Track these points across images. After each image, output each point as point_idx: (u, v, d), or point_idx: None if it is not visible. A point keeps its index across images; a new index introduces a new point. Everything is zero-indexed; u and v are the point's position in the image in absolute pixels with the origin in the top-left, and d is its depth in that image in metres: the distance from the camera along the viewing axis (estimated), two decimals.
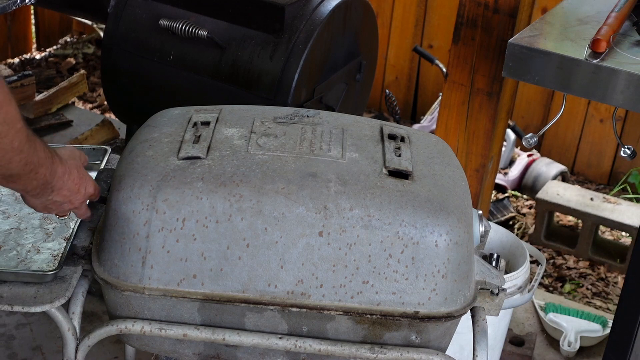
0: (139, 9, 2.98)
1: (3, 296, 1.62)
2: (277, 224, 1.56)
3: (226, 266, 1.58)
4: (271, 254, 1.57)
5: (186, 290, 1.60)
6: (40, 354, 2.69)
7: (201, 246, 1.57)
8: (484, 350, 1.71)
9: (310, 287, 1.58)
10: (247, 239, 1.56)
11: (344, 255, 1.57)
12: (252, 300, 1.60)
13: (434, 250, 1.58)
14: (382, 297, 1.59)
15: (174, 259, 1.58)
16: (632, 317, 2.23)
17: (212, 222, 1.56)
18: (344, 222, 1.56)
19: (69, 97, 3.65)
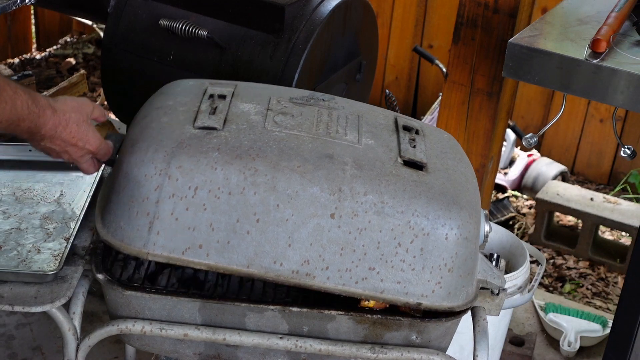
0: (139, 9, 2.98)
1: (4, 296, 1.62)
2: (289, 202, 1.54)
3: (234, 239, 1.56)
4: (280, 231, 1.55)
5: (190, 260, 1.57)
6: (41, 354, 2.69)
7: (210, 217, 1.55)
8: (485, 350, 1.71)
9: (315, 268, 1.57)
10: (258, 214, 1.55)
11: (353, 240, 1.56)
12: (256, 275, 1.57)
13: (443, 243, 1.58)
14: (386, 285, 1.58)
15: (182, 227, 1.56)
16: (632, 317, 2.23)
17: (224, 194, 1.54)
18: (357, 207, 1.55)
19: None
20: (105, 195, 1.68)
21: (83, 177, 2.02)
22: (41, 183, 1.99)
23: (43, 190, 1.97)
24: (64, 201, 1.93)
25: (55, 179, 2.01)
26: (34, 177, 2.01)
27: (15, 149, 2.07)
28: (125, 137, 1.69)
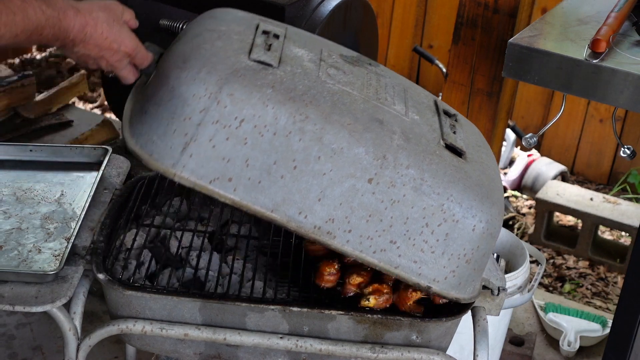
0: (139, 9, 2.97)
1: (4, 296, 1.62)
2: (332, 157, 1.50)
3: (265, 180, 1.50)
4: (314, 184, 1.50)
5: (215, 191, 1.50)
6: (41, 354, 2.69)
7: (249, 152, 1.48)
8: (485, 350, 1.71)
9: (338, 228, 1.53)
10: (297, 161, 1.50)
11: (384, 209, 1.53)
12: (277, 222, 1.52)
13: (469, 233, 1.57)
14: (402, 262, 1.56)
15: (217, 155, 1.48)
16: (632, 316, 2.23)
17: (269, 133, 1.48)
18: (397, 178, 1.52)
19: (69, 97, 3.65)
20: (138, 105, 1.58)
21: (84, 177, 2.02)
22: (42, 183, 1.99)
23: (44, 190, 1.97)
24: (65, 201, 1.93)
25: (55, 179, 2.01)
26: (34, 177, 2.02)
27: (16, 149, 2.07)
28: (172, 51, 1.61)
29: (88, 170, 2.04)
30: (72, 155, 2.07)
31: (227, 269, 1.81)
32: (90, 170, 2.04)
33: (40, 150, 2.07)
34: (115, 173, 2.03)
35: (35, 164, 2.05)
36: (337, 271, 1.73)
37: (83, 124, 3.51)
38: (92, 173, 2.02)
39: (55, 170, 2.04)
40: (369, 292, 1.67)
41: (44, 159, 2.07)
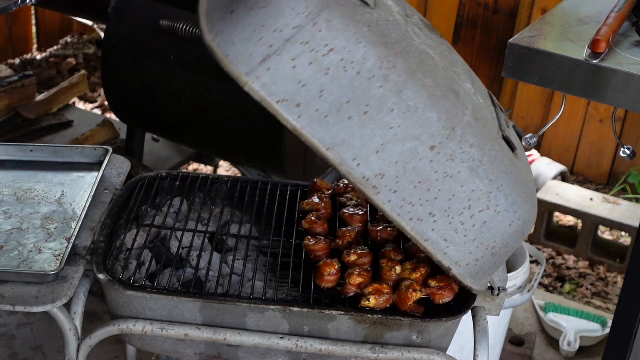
0: (139, 9, 2.98)
1: (5, 296, 1.63)
2: (404, 113, 1.47)
3: (332, 117, 1.45)
4: (378, 135, 1.47)
5: (279, 112, 1.44)
6: (41, 354, 2.69)
7: (327, 83, 1.43)
8: (485, 349, 1.71)
9: (385, 186, 1.50)
10: (370, 107, 1.45)
11: (435, 180, 1.51)
12: (329, 161, 1.47)
13: (505, 227, 1.57)
14: (433, 236, 1.55)
15: (294, 77, 1.43)
16: (632, 316, 2.23)
17: (353, 70, 1.44)
18: (458, 153, 1.51)
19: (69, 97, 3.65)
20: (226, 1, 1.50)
21: (84, 177, 2.03)
22: (42, 183, 2.00)
23: (44, 190, 1.97)
24: (65, 201, 1.94)
25: (56, 179, 2.01)
26: (35, 177, 2.02)
27: (16, 149, 2.07)
28: None
29: (88, 170, 2.05)
30: (72, 155, 2.07)
31: (227, 269, 1.82)
32: (90, 171, 2.04)
33: (41, 150, 2.07)
34: (115, 173, 2.03)
35: (36, 164, 2.05)
36: (337, 271, 1.73)
37: (83, 124, 3.51)
38: (93, 173, 2.03)
39: (55, 171, 2.04)
40: (369, 292, 1.67)
41: (45, 159, 2.07)
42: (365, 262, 1.77)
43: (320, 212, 1.92)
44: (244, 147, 2.97)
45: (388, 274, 1.73)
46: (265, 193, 2.03)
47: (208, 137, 3.05)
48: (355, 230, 1.85)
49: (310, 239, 1.83)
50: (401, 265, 1.74)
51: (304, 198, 2.00)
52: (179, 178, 2.04)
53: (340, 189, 2.01)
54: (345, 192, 2.00)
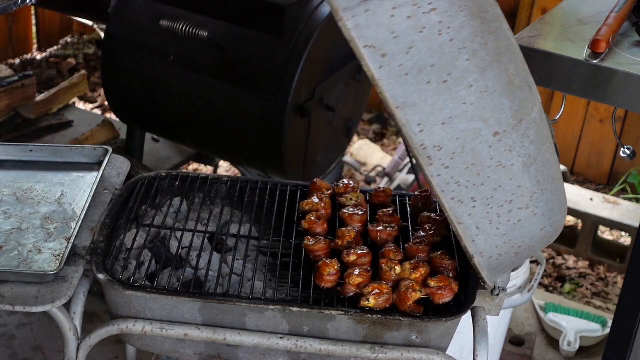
0: (139, 9, 2.98)
1: (4, 296, 1.63)
2: (481, 92, 1.45)
3: (412, 76, 1.42)
4: (449, 107, 1.45)
5: (363, 56, 1.40)
6: (41, 354, 2.69)
7: (417, 42, 1.41)
8: (484, 349, 1.71)
9: (439, 159, 1.48)
10: (450, 77, 1.44)
11: (487, 167, 1.50)
12: (395, 119, 1.45)
13: (536, 231, 1.58)
14: (467, 221, 1.54)
15: (389, 26, 1.40)
16: (632, 316, 2.23)
17: (446, 36, 1.42)
18: (517, 146, 1.50)
19: (69, 97, 3.65)
20: None
21: (84, 177, 2.03)
22: (42, 183, 2.00)
23: (44, 190, 1.97)
24: (65, 201, 1.94)
25: (55, 179, 2.01)
26: (34, 177, 2.02)
27: (16, 149, 2.07)
28: None
29: (88, 170, 2.05)
30: (72, 155, 2.07)
31: (227, 269, 1.82)
32: (90, 170, 2.04)
33: (41, 150, 2.07)
34: (115, 173, 2.03)
35: (36, 164, 2.06)
36: (336, 271, 1.73)
37: (83, 124, 3.51)
38: (92, 173, 2.03)
39: (55, 170, 2.04)
40: (369, 292, 1.67)
41: (44, 159, 2.07)
42: (365, 262, 1.77)
43: (319, 212, 1.92)
44: (244, 147, 2.97)
45: (387, 274, 1.73)
46: (265, 193, 2.03)
47: (208, 137, 3.05)
48: (355, 230, 1.85)
49: (309, 239, 1.83)
50: (401, 266, 1.74)
51: (303, 198, 2.00)
52: (178, 178, 2.04)
53: (339, 189, 2.01)
54: (345, 192, 2.00)
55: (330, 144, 3.21)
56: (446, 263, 1.77)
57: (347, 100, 3.16)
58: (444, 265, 1.76)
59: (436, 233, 1.87)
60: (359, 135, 4.59)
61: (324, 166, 3.25)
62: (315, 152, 3.10)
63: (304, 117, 2.84)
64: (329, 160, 3.28)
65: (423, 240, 1.84)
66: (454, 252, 1.84)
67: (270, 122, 2.80)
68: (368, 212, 1.95)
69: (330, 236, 1.87)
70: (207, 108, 2.93)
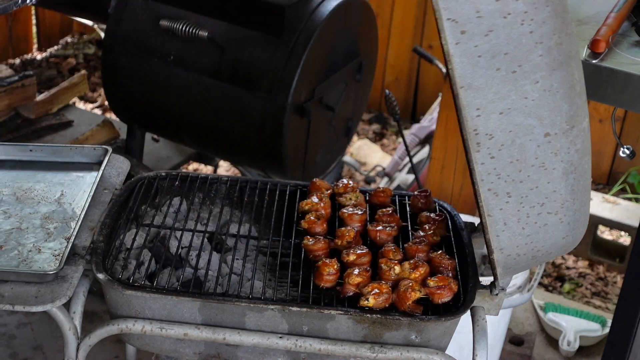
0: (139, 9, 2.98)
1: (4, 296, 1.63)
2: (545, 90, 1.46)
3: (484, 60, 1.43)
4: (511, 98, 1.46)
5: (444, 28, 1.40)
6: (42, 354, 2.69)
7: (499, 27, 1.41)
8: (484, 349, 1.71)
9: (488, 148, 1.49)
10: (521, 69, 1.44)
11: (530, 166, 1.51)
12: (457, 100, 1.45)
13: (558, 239, 1.59)
14: (497, 215, 1.55)
15: (475, 4, 1.40)
16: (631, 316, 2.23)
17: (528, 27, 1.43)
18: (562, 151, 1.51)
19: (69, 97, 3.66)
20: None
21: (83, 177, 2.03)
22: (42, 183, 2.00)
23: (44, 190, 1.97)
24: (65, 201, 1.94)
25: (55, 179, 2.02)
26: (34, 177, 2.02)
27: (16, 149, 2.07)
28: None
29: (88, 170, 2.05)
30: (72, 155, 2.07)
31: (227, 269, 1.82)
32: (90, 170, 2.05)
33: (40, 150, 2.07)
34: (115, 173, 2.03)
35: (35, 164, 2.06)
36: (336, 271, 1.73)
37: (83, 124, 3.51)
38: (92, 173, 2.03)
39: (55, 170, 2.04)
40: (368, 292, 1.67)
41: (44, 159, 2.07)
42: (365, 262, 1.77)
43: (319, 212, 1.92)
44: (244, 147, 2.98)
45: (387, 274, 1.73)
46: (265, 193, 2.03)
47: (208, 137, 3.05)
48: (355, 230, 1.86)
49: (309, 238, 1.84)
50: (400, 265, 1.74)
51: (303, 198, 2.00)
52: (178, 178, 2.04)
53: (339, 189, 2.01)
54: (345, 192, 2.00)
55: (330, 144, 3.21)
56: (446, 263, 1.77)
57: (347, 100, 3.16)
58: (444, 265, 1.77)
59: (436, 233, 1.88)
60: (359, 135, 4.59)
61: (324, 166, 3.25)
62: (315, 152, 3.10)
63: (304, 117, 2.84)
64: (329, 160, 3.29)
65: (423, 240, 1.84)
66: (454, 252, 1.84)
67: (270, 122, 2.80)
68: (368, 212, 1.95)
69: (330, 236, 1.87)
70: (207, 108, 2.93)
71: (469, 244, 1.86)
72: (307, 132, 2.94)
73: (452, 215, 1.97)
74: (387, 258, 1.77)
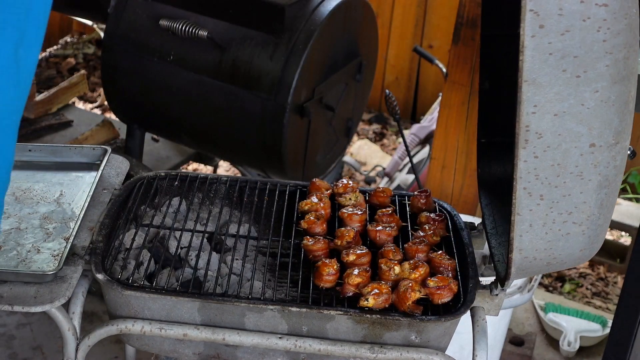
0: (139, 9, 2.98)
1: (3, 296, 1.62)
2: (602, 102, 1.48)
3: (554, 59, 1.45)
4: (569, 102, 1.47)
5: (525, 17, 1.43)
6: (41, 354, 2.69)
7: (576, 29, 1.43)
8: (484, 350, 1.71)
9: (534, 147, 1.50)
10: (585, 75, 1.46)
11: (569, 173, 1.52)
12: (519, 92, 1.47)
13: (575, 251, 1.60)
14: (526, 216, 1.56)
15: (560, 2, 1.42)
16: (632, 316, 2.23)
17: (603, 35, 1.44)
18: (603, 165, 1.52)
19: (69, 97, 3.65)
20: None
21: (83, 177, 2.02)
22: (41, 183, 1.99)
23: (43, 190, 1.97)
24: (64, 201, 1.93)
25: (54, 179, 2.01)
26: (33, 177, 2.02)
27: (15, 149, 2.06)
28: None
29: (87, 170, 2.05)
30: (71, 155, 2.07)
31: (226, 269, 1.82)
32: (89, 170, 2.04)
33: (40, 150, 2.07)
34: (114, 173, 2.03)
35: (35, 164, 2.05)
36: (336, 271, 1.73)
37: (83, 124, 3.51)
38: (91, 173, 2.03)
39: (54, 170, 2.04)
40: (368, 292, 1.67)
41: (43, 159, 2.07)
42: (364, 262, 1.77)
43: (319, 212, 1.91)
44: (243, 147, 2.97)
45: (387, 274, 1.72)
46: (265, 193, 2.03)
47: (208, 137, 3.05)
48: (355, 230, 1.85)
49: (309, 239, 1.83)
50: (400, 266, 1.74)
51: (303, 198, 2.00)
52: (177, 178, 2.04)
53: (339, 189, 2.01)
54: (345, 193, 2.00)
55: (330, 144, 3.21)
56: (446, 263, 1.76)
57: (347, 100, 3.16)
58: (444, 266, 1.76)
59: (436, 233, 1.87)
60: (359, 135, 4.59)
61: (324, 166, 3.25)
62: (315, 152, 3.09)
63: (304, 117, 2.84)
64: (329, 160, 3.28)
65: (422, 240, 1.84)
66: (454, 252, 1.84)
67: (270, 122, 2.79)
68: (367, 213, 1.94)
69: (330, 236, 1.86)
70: (207, 108, 2.93)
71: (469, 244, 1.86)
72: (307, 132, 2.94)
73: (452, 215, 1.97)
74: (386, 258, 1.77)
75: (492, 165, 1.97)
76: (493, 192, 1.94)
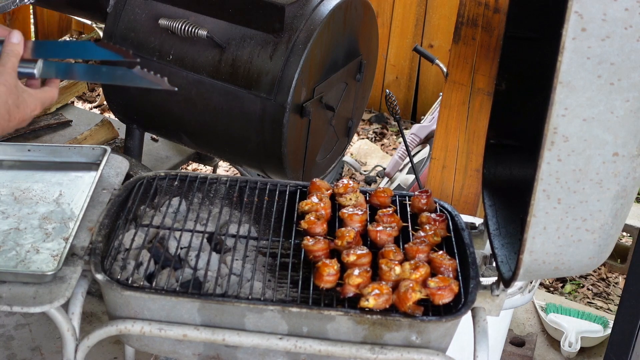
0: (138, 8, 2.97)
1: (2, 296, 1.62)
2: (631, 112, 1.47)
3: (591, 64, 1.45)
4: (599, 108, 1.47)
5: (568, 18, 1.43)
6: (40, 355, 2.69)
7: (617, 36, 1.44)
8: (485, 350, 1.71)
9: (559, 150, 1.50)
10: (619, 83, 1.46)
11: (588, 180, 1.52)
12: (552, 94, 1.47)
13: (585, 257, 1.60)
14: (541, 218, 1.56)
15: (606, 5, 1.42)
16: (633, 317, 2.23)
17: (618, 43, 1.44)
18: (623, 175, 1.52)
19: (68, 96, 3.65)
20: None
21: (82, 177, 2.02)
22: (40, 183, 1.99)
23: (42, 191, 1.96)
24: (63, 201, 1.93)
25: (54, 179, 2.01)
26: (32, 177, 2.01)
27: (14, 149, 2.06)
28: None
29: (86, 170, 2.04)
30: (70, 155, 2.07)
31: (226, 269, 1.81)
32: (88, 170, 2.04)
33: (39, 150, 2.06)
34: (113, 173, 2.02)
35: (34, 164, 2.05)
36: (336, 272, 1.73)
37: (82, 124, 3.51)
38: (91, 173, 2.02)
39: (53, 170, 2.03)
40: (369, 292, 1.66)
41: (43, 159, 2.06)
42: (365, 262, 1.76)
43: (319, 212, 1.91)
44: (243, 147, 2.97)
45: (387, 275, 1.72)
46: (265, 193, 2.02)
47: (208, 137, 3.04)
48: (355, 230, 1.85)
49: (309, 239, 1.83)
50: (401, 266, 1.73)
51: (303, 198, 1.99)
52: (177, 178, 2.03)
53: (339, 189, 2.00)
54: (345, 193, 1.99)
55: (330, 144, 3.20)
56: (446, 264, 1.76)
57: (347, 100, 3.15)
58: (444, 266, 1.76)
59: (436, 233, 1.87)
60: (359, 135, 4.59)
61: (324, 166, 3.24)
62: (315, 152, 3.09)
63: (304, 117, 2.84)
64: (329, 160, 3.28)
65: (423, 240, 1.83)
66: (455, 252, 1.83)
67: (270, 122, 2.79)
68: (368, 213, 1.94)
69: (330, 236, 1.86)
70: (207, 108, 2.92)
71: (470, 244, 1.85)
72: (307, 132, 2.93)
73: (452, 215, 1.96)
74: (387, 259, 1.76)
75: (499, 167, 1.96)
76: (497, 194, 1.93)
